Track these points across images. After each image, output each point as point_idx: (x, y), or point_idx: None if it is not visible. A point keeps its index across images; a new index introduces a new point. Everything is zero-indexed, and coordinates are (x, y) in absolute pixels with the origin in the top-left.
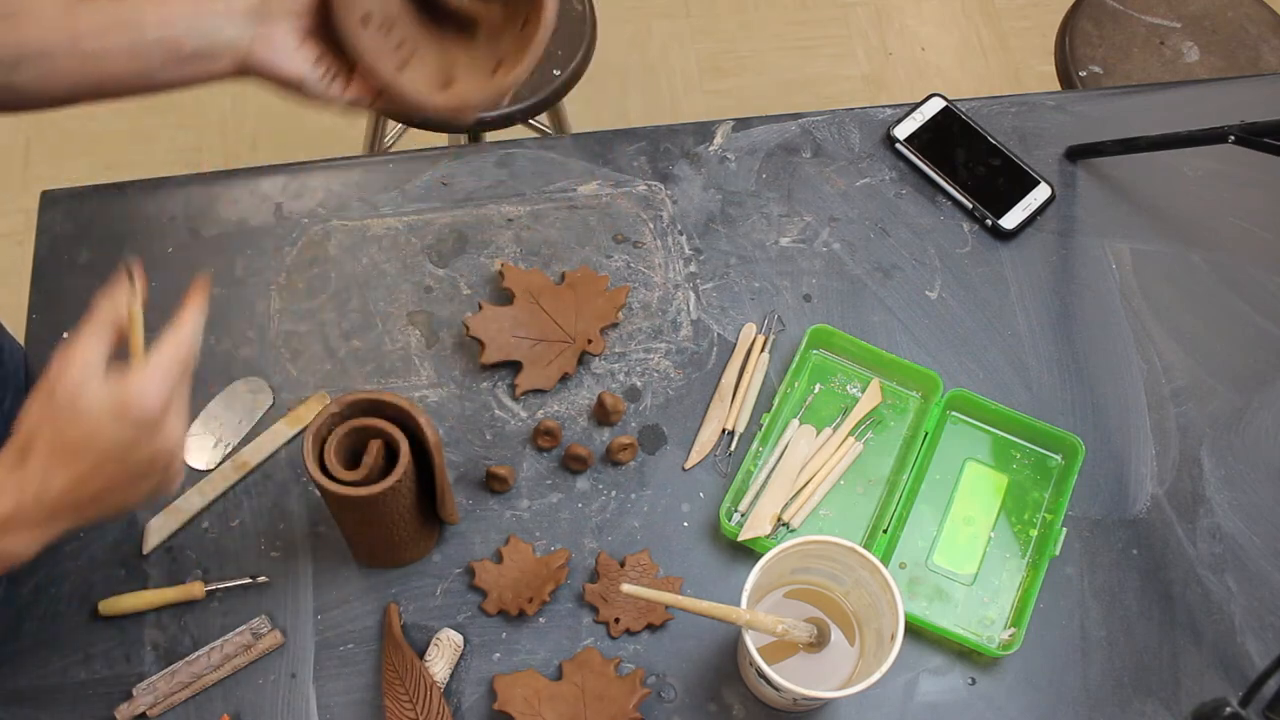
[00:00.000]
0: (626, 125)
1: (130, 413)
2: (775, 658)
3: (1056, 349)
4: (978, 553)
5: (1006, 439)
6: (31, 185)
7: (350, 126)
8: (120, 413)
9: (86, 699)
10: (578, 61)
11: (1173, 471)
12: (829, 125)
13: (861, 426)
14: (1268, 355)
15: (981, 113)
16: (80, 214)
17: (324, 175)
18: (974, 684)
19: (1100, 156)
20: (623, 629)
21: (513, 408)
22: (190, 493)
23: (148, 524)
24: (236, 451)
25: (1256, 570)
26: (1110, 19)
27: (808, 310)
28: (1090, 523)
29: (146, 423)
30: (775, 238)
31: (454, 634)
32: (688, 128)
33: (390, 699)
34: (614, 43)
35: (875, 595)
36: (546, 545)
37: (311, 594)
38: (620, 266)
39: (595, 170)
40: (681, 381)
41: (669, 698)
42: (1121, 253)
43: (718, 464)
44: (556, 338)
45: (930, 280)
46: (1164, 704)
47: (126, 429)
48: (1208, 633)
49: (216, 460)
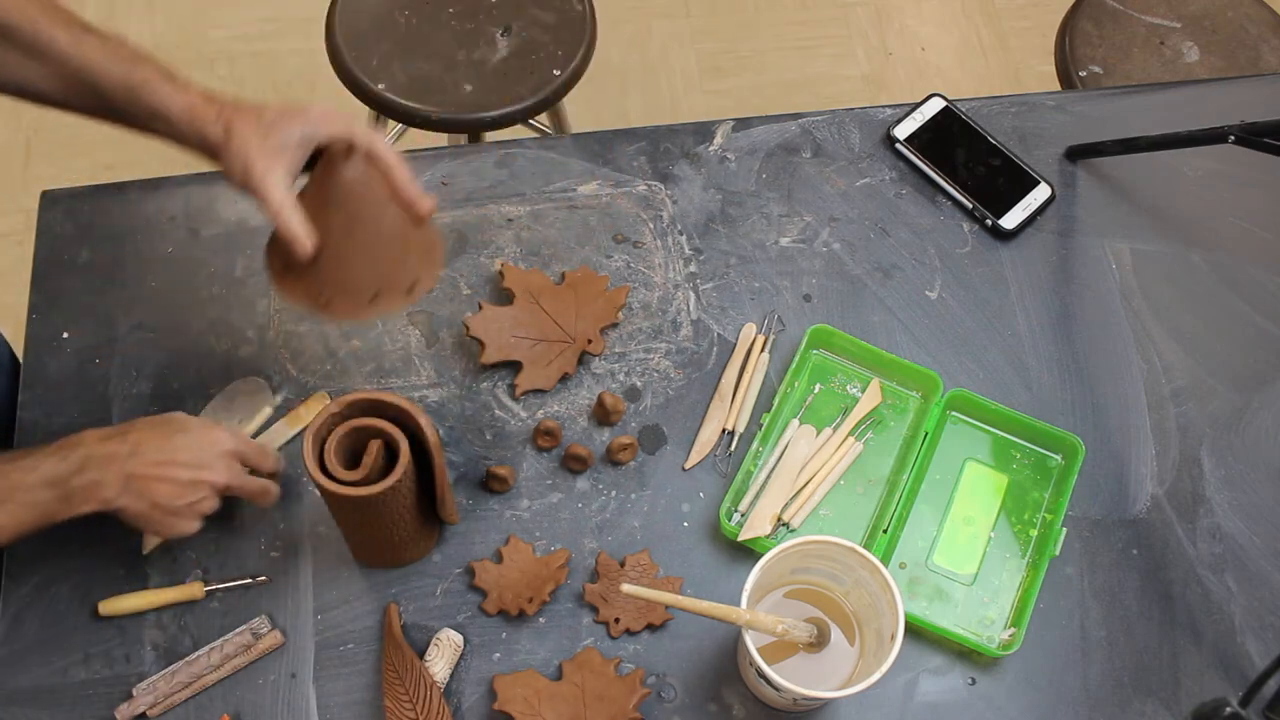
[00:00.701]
0: (626, 125)
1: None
2: (775, 658)
3: (1056, 349)
4: (978, 553)
5: (1006, 439)
6: (31, 185)
7: None
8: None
9: (86, 699)
10: (578, 61)
11: (1173, 471)
12: (829, 125)
13: (861, 426)
14: (1268, 355)
15: (981, 113)
16: (80, 214)
17: None
18: (974, 684)
19: (1100, 156)
20: (623, 629)
21: (513, 408)
22: None
23: None
24: None
25: (1256, 570)
26: (1110, 19)
27: (808, 310)
28: (1090, 523)
29: (212, 439)
30: (775, 238)
31: (454, 634)
32: (688, 128)
33: (390, 699)
34: (614, 43)
35: (875, 595)
36: (546, 545)
37: (311, 594)
38: (620, 266)
39: (595, 170)
40: (681, 381)
41: (669, 698)
42: (1121, 253)
43: (718, 464)
44: (556, 338)
45: (930, 280)
46: (1164, 704)
47: (196, 424)
48: (1208, 633)
49: None
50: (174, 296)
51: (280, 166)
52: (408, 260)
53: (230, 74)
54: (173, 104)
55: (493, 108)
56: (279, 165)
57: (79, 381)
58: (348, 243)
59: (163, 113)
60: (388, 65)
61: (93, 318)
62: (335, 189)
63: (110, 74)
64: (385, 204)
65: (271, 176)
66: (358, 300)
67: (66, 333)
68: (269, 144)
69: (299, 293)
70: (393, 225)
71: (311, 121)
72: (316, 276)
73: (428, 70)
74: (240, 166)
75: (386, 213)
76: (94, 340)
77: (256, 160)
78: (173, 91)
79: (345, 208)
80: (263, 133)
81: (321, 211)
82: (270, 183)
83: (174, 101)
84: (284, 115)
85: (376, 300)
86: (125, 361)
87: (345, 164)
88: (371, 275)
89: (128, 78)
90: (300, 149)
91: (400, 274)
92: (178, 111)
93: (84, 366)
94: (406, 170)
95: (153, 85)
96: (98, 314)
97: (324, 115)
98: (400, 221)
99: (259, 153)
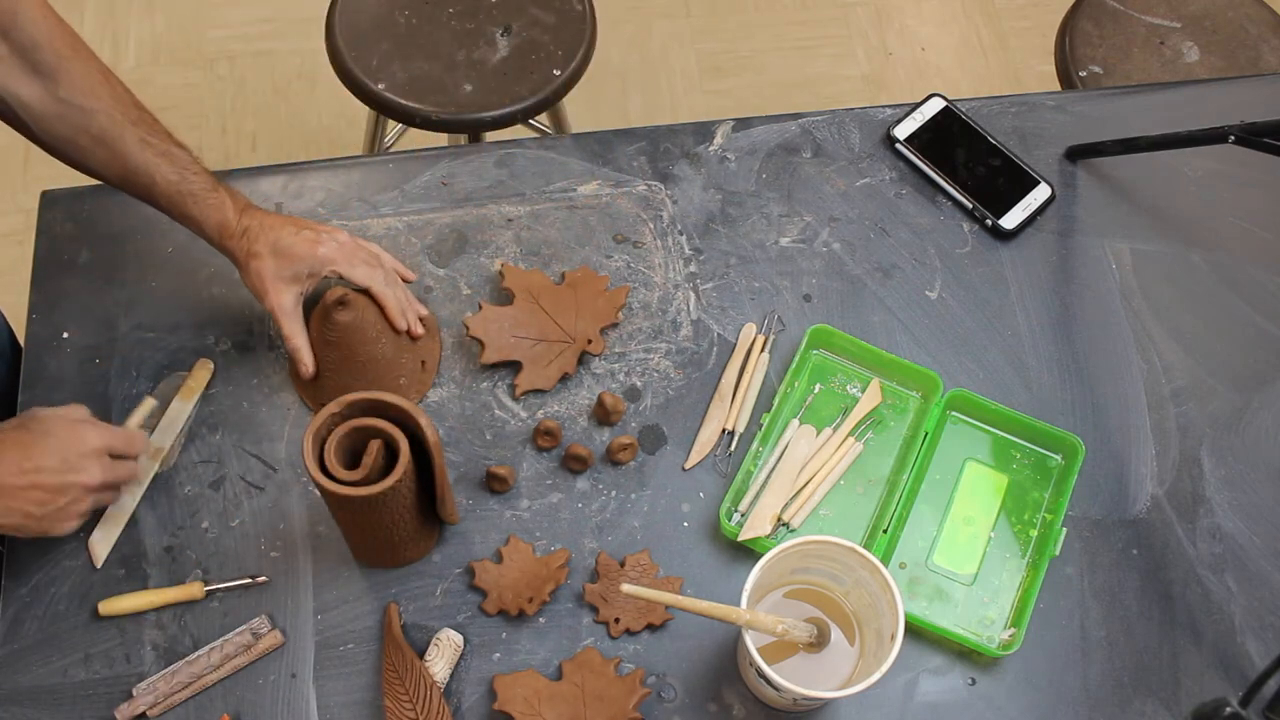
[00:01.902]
0: (626, 125)
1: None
2: (775, 658)
3: (1056, 349)
4: (978, 553)
5: (1006, 439)
6: (31, 185)
7: (350, 127)
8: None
9: (86, 699)
10: (578, 61)
11: (1173, 471)
12: (829, 125)
13: (861, 426)
14: (1268, 355)
15: (981, 113)
16: (80, 214)
17: (324, 175)
18: (974, 684)
19: (1100, 156)
20: (623, 629)
21: (513, 408)
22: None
23: (88, 541)
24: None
25: (1256, 570)
26: (1110, 19)
27: (808, 310)
28: (1090, 523)
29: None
30: (775, 238)
31: (454, 634)
32: (688, 128)
33: (390, 699)
34: (614, 43)
35: (875, 595)
36: (546, 545)
37: (311, 594)
38: (620, 266)
39: (595, 170)
40: (681, 381)
41: (669, 698)
42: (1121, 253)
43: (718, 464)
44: (556, 338)
45: (930, 280)
46: (1164, 704)
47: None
48: (1208, 633)
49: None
50: (174, 296)
51: (290, 294)
52: (399, 380)
53: (230, 74)
54: (208, 220)
55: (493, 108)
56: (289, 293)
57: (79, 381)
58: (344, 369)
59: (198, 223)
60: (388, 65)
61: (93, 318)
62: (330, 331)
63: (164, 179)
64: (377, 338)
65: (282, 303)
66: None
67: (66, 333)
68: (282, 274)
69: (309, 399)
70: (384, 352)
71: (320, 260)
72: (323, 390)
73: (428, 70)
74: (258, 290)
75: (379, 344)
76: (94, 340)
77: (269, 289)
78: (210, 206)
79: (339, 346)
80: (277, 262)
81: (321, 344)
82: (281, 310)
83: (209, 215)
84: (296, 248)
85: None
86: (125, 361)
87: (337, 312)
88: None
89: (178, 185)
90: (311, 279)
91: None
92: (209, 226)
93: (84, 366)
94: (399, 303)
95: (197, 196)
96: (98, 314)
97: (327, 256)
98: (392, 349)
99: (272, 281)
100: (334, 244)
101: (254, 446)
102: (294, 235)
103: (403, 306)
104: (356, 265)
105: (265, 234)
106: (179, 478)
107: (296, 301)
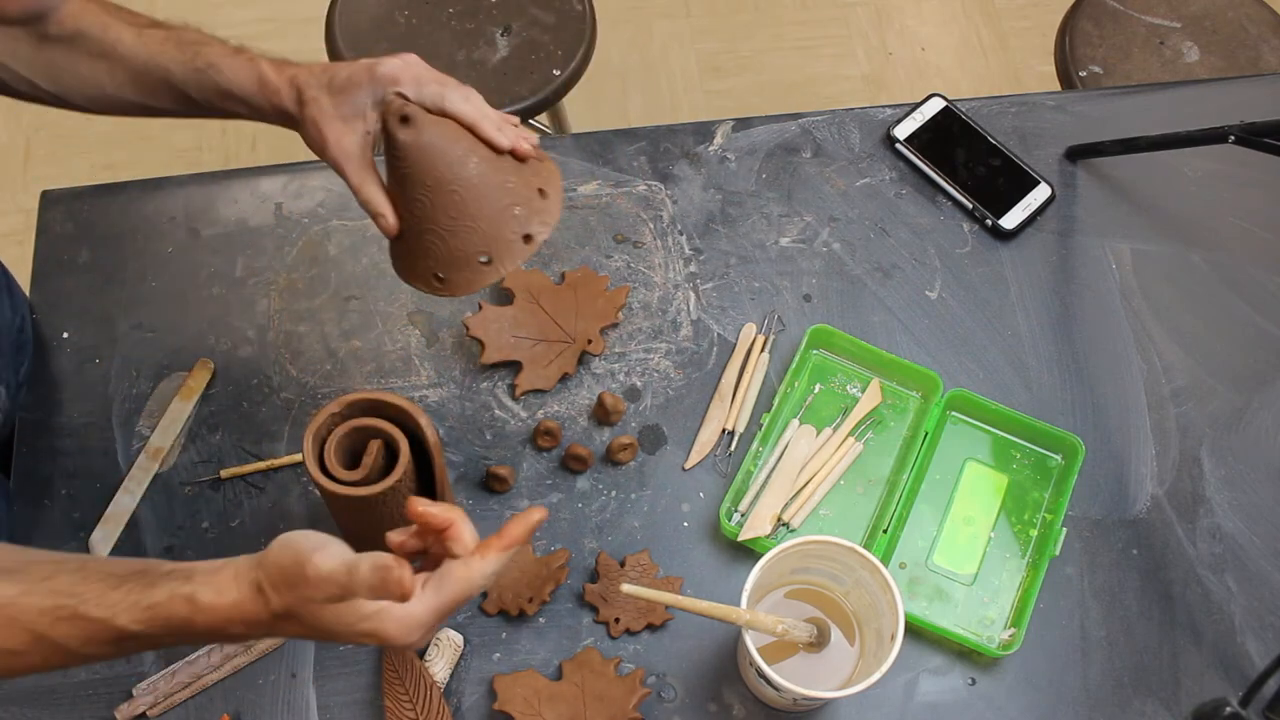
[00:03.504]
0: (626, 125)
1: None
2: (775, 658)
3: (1056, 349)
4: (978, 553)
5: (1006, 439)
6: (31, 185)
7: None
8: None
9: (86, 699)
10: (578, 61)
11: (1173, 471)
12: (829, 125)
13: (861, 426)
14: (1268, 355)
15: (981, 113)
16: (80, 214)
17: (324, 175)
18: (974, 684)
19: (1100, 156)
20: (623, 629)
21: (513, 408)
22: (118, 495)
23: (89, 540)
24: (146, 442)
25: (1256, 570)
26: (1110, 19)
27: (808, 310)
28: (1090, 523)
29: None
30: (775, 238)
31: (454, 634)
32: (688, 128)
33: (390, 699)
34: (614, 43)
35: (875, 595)
36: (546, 545)
37: None
38: (620, 266)
39: (595, 170)
40: (681, 381)
41: (669, 698)
42: (1121, 253)
43: (718, 464)
44: (556, 338)
45: (930, 280)
46: (1164, 704)
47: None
48: (1208, 633)
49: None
50: (174, 296)
51: (353, 135)
52: (512, 211)
53: None
54: (242, 80)
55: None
56: (352, 134)
57: (79, 381)
58: (436, 214)
59: (235, 91)
60: None
61: (93, 318)
62: (400, 161)
63: (177, 63)
64: (465, 160)
65: (343, 147)
66: (469, 271)
67: (66, 333)
68: (341, 111)
69: (416, 280)
70: (482, 180)
71: (380, 80)
72: (425, 257)
73: None
74: (316, 139)
75: (468, 170)
76: (94, 340)
77: (329, 132)
78: (239, 67)
79: (419, 178)
80: (334, 100)
81: (399, 186)
82: (344, 156)
83: (242, 77)
84: (353, 78)
85: (492, 263)
86: (125, 361)
87: (400, 130)
88: (474, 240)
89: (193, 62)
90: (376, 111)
91: (506, 228)
92: (249, 87)
93: (84, 366)
94: (492, 119)
95: (219, 65)
96: (98, 314)
97: (389, 73)
98: (492, 171)
99: (329, 123)
100: (397, 61)
101: (254, 446)
102: (349, 65)
103: (496, 121)
104: (427, 84)
105: (317, 76)
106: (179, 478)
107: (364, 144)
